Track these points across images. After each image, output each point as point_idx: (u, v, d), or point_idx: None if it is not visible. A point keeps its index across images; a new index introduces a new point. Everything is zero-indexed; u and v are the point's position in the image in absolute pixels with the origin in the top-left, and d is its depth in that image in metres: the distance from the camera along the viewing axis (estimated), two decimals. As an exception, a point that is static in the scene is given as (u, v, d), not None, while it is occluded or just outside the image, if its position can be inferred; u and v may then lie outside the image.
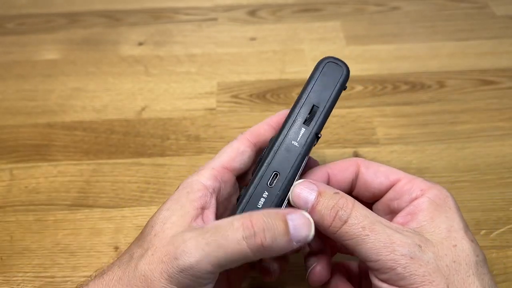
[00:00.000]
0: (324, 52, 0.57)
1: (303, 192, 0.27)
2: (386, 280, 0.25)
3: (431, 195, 0.27)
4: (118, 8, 0.65)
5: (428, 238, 0.26)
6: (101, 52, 0.58)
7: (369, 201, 0.31)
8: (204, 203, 0.28)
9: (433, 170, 0.44)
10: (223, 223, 0.25)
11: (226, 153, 0.31)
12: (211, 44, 0.59)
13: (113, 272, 0.26)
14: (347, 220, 0.25)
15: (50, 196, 0.42)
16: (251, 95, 0.52)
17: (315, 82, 0.29)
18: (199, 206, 0.27)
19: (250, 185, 0.28)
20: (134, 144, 0.47)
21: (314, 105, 0.29)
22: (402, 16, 0.63)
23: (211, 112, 0.50)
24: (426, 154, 0.45)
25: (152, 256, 0.25)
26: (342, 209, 0.26)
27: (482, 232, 0.39)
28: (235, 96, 0.52)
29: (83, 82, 0.54)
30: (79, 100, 0.52)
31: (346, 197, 0.26)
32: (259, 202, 0.28)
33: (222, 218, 0.26)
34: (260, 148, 0.33)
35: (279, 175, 0.28)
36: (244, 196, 0.28)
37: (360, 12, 0.64)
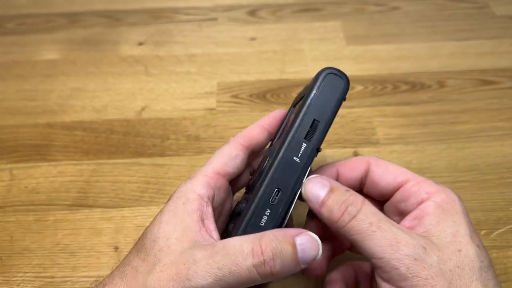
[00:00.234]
0: (324, 52, 0.57)
1: (315, 187, 0.27)
2: (388, 279, 0.25)
3: (438, 199, 0.27)
4: (118, 8, 0.65)
5: (434, 242, 0.26)
6: (101, 52, 0.58)
7: (379, 199, 0.32)
8: (202, 214, 0.28)
9: (433, 170, 0.44)
10: (233, 247, 0.25)
11: (219, 158, 0.30)
12: (211, 44, 0.59)
13: (115, 285, 0.26)
14: (356, 215, 0.25)
15: (50, 196, 0.42)
16: (251, 95, 0.52)
17: (315, 94, 0.29)
18: (198, 219, 0.27)
19: (252, 202, 0.27)
20: (134, 144, 0.47)
21: (315, 119, 0.28)
22: (402, 16, 0.63)
23: (211, 112, 0.50)
24: (426, 154, 0.45)
25: (161, 272, 0.25)
26: (351, 205, 0.26)
27: (482, 232, 0.39)
28: (235, 96, 0.52)
29: (83, 82, 0.54)
30: (79, 100, 0.52)
31: (357, 195, 0.27)
32: (262, 221, 0.27)
33: (219, 224, 0.26)
34: (253, 151, 0.33)
35: (280, 192, 0.28)
36: (246, 213, 0.27)
37: (360, 12, 0.64)
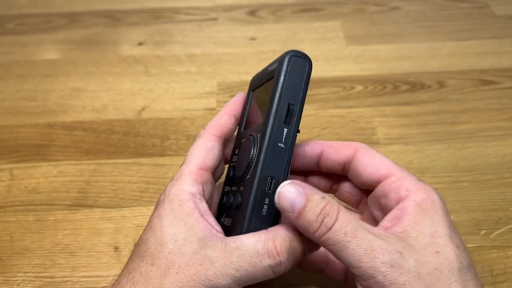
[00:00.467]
0: (324, 52, 0.57)
1: (289, 195, 0.26)
2: (368, 287, 0.25)
3: (417, 198, 0.27)
4: (118, 8, 0.65)
5: (411, 243, 0.25)
6: (101, 52, 0.58)
7: (362, 187, 0.32)
8: (200, 211, 0.28)
9: (433, 170, 0.44)
10: (248, 248, 0.26)
11: (197, 153, 0.31)
12: (211, 44, 0.59)
13: None
14: (331, 227, 0.25)
15: (50, 196, 0.42)
16: (251, 95, 0.52)
17: (285, 79, 0.29)
18: (199, 216, 0.27)
19: (250, 194, 0.28)
20: (134, 144, 0.47)
21: (289, 103, 0.29)
22: (402, 16, 0.63)
23: (211, 112, 0.50)
24: (426, 154, 0.45)
25: (178, 274, 0.25)
26: (328, 215, 0.25)
27: (482, 232, 0.39)
28: (235, 96, 0.52)
29: (83, 82, 0.54)
30: (79, 100, 0.52)
31: (332, 202, 0.26)
32: (263, 210, 0.28)
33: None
34: (225, 139, 0.33)
35: (273, 179, 0.28)
36: (247, 207, 0.28)
37: (360, 12, 0.64)
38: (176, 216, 0.27)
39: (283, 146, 0.28)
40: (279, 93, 0.29)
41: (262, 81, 0.32)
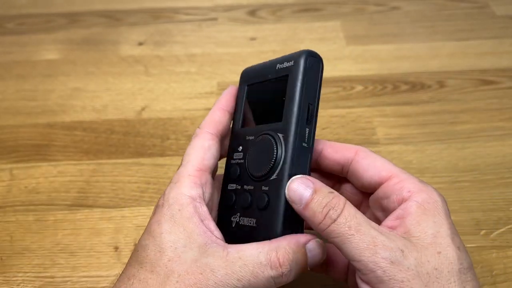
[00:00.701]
0: (324, 52, 0.56)
1: (299, 188, 0.27)
2: (367, 281, 0.25)
3: (419, 199, 0.27)
4: (118, 8, 0.65)
5: (414, 243, 0.26)
6: (101, 52, 0.58)
7: (362, 190, 0.32)
8: (200, 216, 0.28)
9: (433, 170, 0.44)
10: (250, 258, 0.26)
11: (194, 154, 0.30)
12: (211, 44, 0.59)
13: None
14: (336, 219, 0.26)
15: (50, 196, 0.42)
16: (251, 95, 0.52)
17: (304, 79, 0.29)
18: (198, 222, 0.27)
19: (281, 195, 0.28)
20: (134, 144, 0.47)
21: (309, 103, 0.29)
22: (402, 16, 0.63)
23: (211, 112, 0.50)
24: (426, 154, 0.45)
25: (178, 283, 0.25)
26: (333, 208, 0.26)
27: (482, 232, 0.39)
28: (235, 96, 0.52)
29: (83, 82, 0.54)
30: (79, 100, 0.52)
31: (339, 197, 0.27)
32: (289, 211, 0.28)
33: (213, 219, 0.28)
34: (221, 136, 0.32)
35: None
36: (279, 207, 0.28)
37: (360, 12, 0.64)
38: (175, 222, 0.27)
39: (306, 145, 0.29)
40: (300, 93, 0.29)
41: (267, 77, 0.32)
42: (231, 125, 0.34)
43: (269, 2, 0.66)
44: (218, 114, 0.32)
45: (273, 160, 0.29)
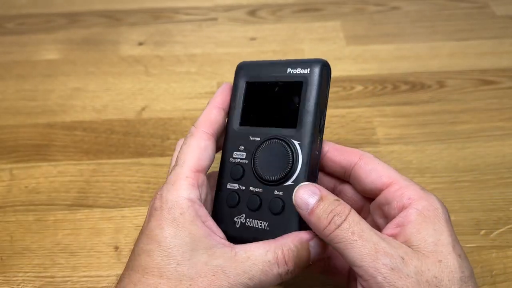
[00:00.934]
0: (324, 52, 0.57)
1: (305, 194, 0.28)
2: (367, 287, 0.25)
3: (419, 206, 0.27)
4: (118, 8, 0.65)
5: (415, 251, 0.26)
6: (101, 52, 0.58)
7: (363, 195, 0.32)
8: (201, 218, 0.28)
9: (433, 170, 0.44)
10: (259, 257, 0.26)
11: (191, 154, 0.30)
12: (211, 44, 0.59)
13: None
14: (340, 224, 0.26)
15: (50, 196, 0.42)
16: (251, 95, 0.52)
17: (319, 88, 0.30)
18: (201, 224, 0.27)
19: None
20: (134, 144, 0.47)
21: (322, 113, 0.31)
22: (402, 16, 0.63)
23: (211, 112, 0.50)
24: (426, 154, 0.45)
25: (191, 286, 0.25)
26: (338, 214, 0.26)
27: (482, 232, 0.39)
28: (235, 96, 0.52)
29: (83, 82, 0.54)
30: (79, 100, 0.52)
31: (345, 205, 0.27)
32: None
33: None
34: (217, 135, 0.32)
35: None
36: (295, 214, 0.29)
37: (360, 12, 0.64)
38: (179, 226, 0.27)
39: (317, 153, 0.30)
40: (316, 103, 0.30)
41: (275, 79, 0.32)
42: (227, 121, 0.33)
43: (269, 2, 0.66)
44: (214, 113, 0.32)
45: (289, 167, 0.29)
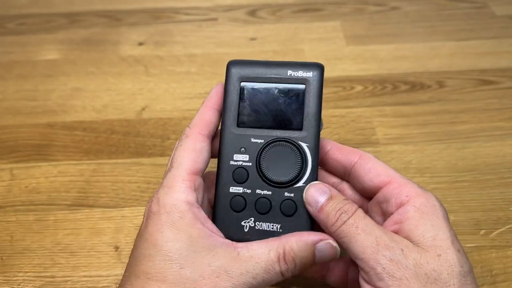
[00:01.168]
0: (324, 52, 0.57)
1: (316, 193, 0.29)
2: (369, 280, 0.26)
3: (417, 203, 0.28)
4: (118, 8, 0.65)
5: (415, 245, 0.26)
6: (101, 52, 0.58)
7: (362, 194, 0.32)
8: (200, 220, 0.28)
9: (433, 170, 0.44)
10: (262, 256, 0.27)
11: (187, 157, 0.30)
12: (211, 44, 0.59)
13: None
14: (346, 220, 0.27)
15: (50, 196, 0.42)
16: (251, 95, 0.52)
17: (321, 91, 0.32)
18: (201, 226, 0.27)
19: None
20: (134, 144, 0.47)
21: (320, 115, 0.32)
22: (402, 16, 0.63)
23: (211, 112, 0.50)
24: (426, 154, 0.45)
25: None
26: (345, 212, 0.27)
27: (482, 232, 0.39)
28: (235, 96, 0.52)
29: (83, 82, 0.54)
30: (79, 100, 0.52)
31: (352, 204, 0.28)
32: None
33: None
34: (212, 137, 0.32)
35: None
36: (304, 210, 0.30)
37: (360, 12, 0.64)
38: (179, 229, 0.27)
39: (318, 153, 0.31)
40: (319, 106, 0.31)
41: (275, 80, 0.32)
42: (221, 122, 0.33)
43: (269, 2, 0.66)
44: (209, 114, 0.32)
45: (300, 168, 0.30)
